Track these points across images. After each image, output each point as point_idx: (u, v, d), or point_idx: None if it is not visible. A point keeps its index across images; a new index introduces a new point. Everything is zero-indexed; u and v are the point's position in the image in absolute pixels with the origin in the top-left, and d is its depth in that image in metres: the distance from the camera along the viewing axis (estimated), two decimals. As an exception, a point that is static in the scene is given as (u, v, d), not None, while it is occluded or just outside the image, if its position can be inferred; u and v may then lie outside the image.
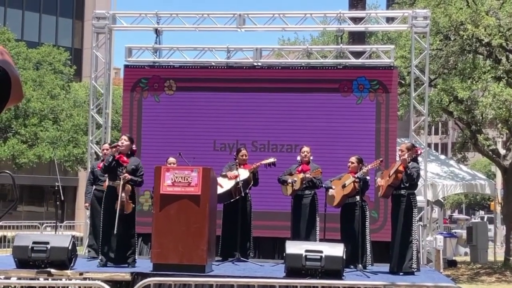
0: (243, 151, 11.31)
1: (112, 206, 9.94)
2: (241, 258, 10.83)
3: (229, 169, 11.16)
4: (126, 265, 9.96)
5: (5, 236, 20.74)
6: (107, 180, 10.57)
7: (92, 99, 14.04)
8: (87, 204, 11.56)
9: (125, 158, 10.15)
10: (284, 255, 9.23)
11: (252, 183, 11.15)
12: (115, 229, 9.79)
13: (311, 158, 11.07)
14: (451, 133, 45.92)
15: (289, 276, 8.89)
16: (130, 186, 10.05)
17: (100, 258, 10.15)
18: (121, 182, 9.91)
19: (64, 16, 43.29)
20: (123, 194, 9.91)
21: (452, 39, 16.88)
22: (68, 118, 28.49)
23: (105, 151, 11.34)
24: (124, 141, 10.25)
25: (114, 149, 10.22)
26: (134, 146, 10.51)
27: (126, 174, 9.98)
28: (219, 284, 8.50)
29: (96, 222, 11.32)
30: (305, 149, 11.13)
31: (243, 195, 10.91)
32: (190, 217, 9.25)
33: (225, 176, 11.03)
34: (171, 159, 11.41)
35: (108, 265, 9.94)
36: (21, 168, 29.22)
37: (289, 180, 10.87)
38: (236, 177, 10.88)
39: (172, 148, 12.12)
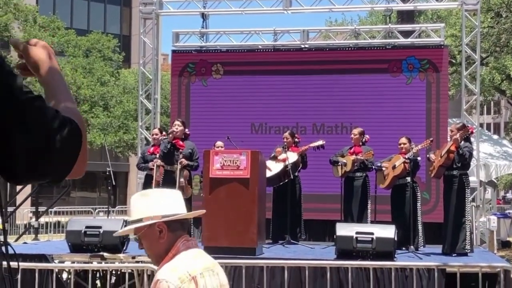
0: (285, 134, 11.27)
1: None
2: (292, 241, 10.80)
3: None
4: None
5: (59, 222, 21.16)
6: (157, 165, 10.60)
7: (141, 85, 14.15)
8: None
9: (181, 142, 10.35)
10: (335, 237, 9.17)
11: (301, 166, 11.10)
12: None
13: (364, 140, 10.94)
14: (503, 113, 45.12)
15: (340, 258, 8.85)
16: (187, 171, 10.23)
17: None
18: (178, 167, 10.08)
19: (112, 3, 43.69)
20: (181, 179, 10.09)
21: (503, 16, 16.51)
22: (118, 104, 28.82)
23: (154, 135, 11.37)
24: (177, 126, 10.43)
25: (170, 136, 10.40)
26: (187, 130, 10.64)
27: (182, 160, 10.14)
28: (270, 267, 8.50)
29: None
30: (354, 131, 11.03)
31: (292, 177, 10.86)
32: (239, 200, 9.26)
33: (273, 159, 11.01)
34: (219, 143, 11.43)
35: None
36: (73, 154, 29.67)
37: (340, 162, 10.79)
38: (284, 160, 10.84)
39: (220, 132, 12.13)
